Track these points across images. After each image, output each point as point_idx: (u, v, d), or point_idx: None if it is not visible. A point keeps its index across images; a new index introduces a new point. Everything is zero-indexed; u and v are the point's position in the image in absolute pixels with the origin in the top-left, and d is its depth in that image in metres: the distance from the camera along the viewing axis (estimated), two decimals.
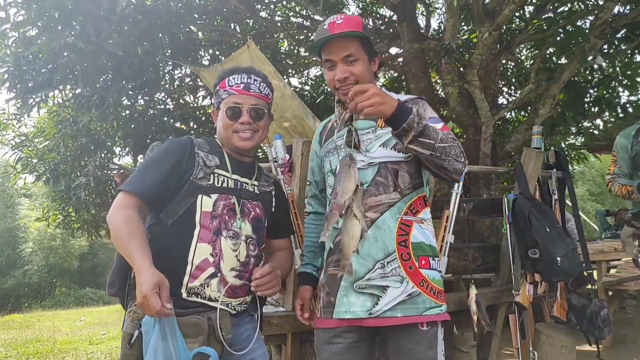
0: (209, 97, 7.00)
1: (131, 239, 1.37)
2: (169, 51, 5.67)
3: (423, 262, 1.57)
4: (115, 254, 1.56)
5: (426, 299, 1.54)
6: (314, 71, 9.63)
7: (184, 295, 1.45)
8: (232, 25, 6.49)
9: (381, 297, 1.52)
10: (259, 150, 7.00)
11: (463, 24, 6.56)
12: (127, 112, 6.09)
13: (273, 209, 1.73)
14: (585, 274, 2.97)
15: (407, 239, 1.57)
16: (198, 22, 6.03)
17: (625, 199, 2.95)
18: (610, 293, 4.82)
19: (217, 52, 6.61)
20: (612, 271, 5.36)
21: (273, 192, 1.74)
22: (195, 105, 7.35)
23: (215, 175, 1.56)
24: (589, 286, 3.19)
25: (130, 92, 5.38)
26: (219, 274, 1.49)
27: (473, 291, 2.59)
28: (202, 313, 1.45)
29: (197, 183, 1.52)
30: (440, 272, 1.65)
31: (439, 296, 1.59)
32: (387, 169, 1.58)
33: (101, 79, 5.06)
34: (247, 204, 1.61)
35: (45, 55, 3.96)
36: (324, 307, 1.62)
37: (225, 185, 1.57)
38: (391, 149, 1.60)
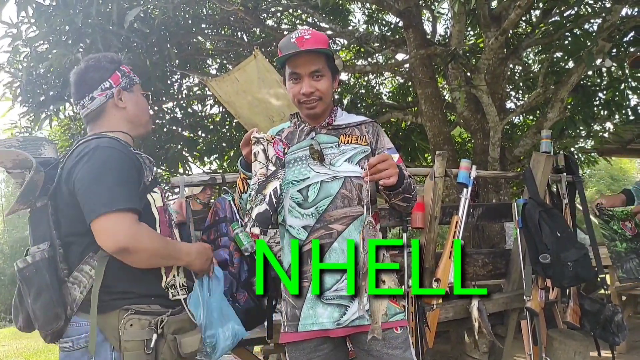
0: (217, 106, 7.06)
1: (167, 243, 1.45)
2: (177, 62, 5.73)
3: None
4: (41, 283, 1.38)
5: (391, 306, 1.56)
6: None
7: (170, 296, 1.48)
8: (239, 34, 6.55)
9: (349, 307, 1.54)
10: None
11: (469, 29, 6.56)
12: None
13: None
14: (598, 278, 2.94)
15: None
16: (205, 32, 6.09)
17: None
18: (623, 298, 4.75)
19: (225, 61, 6.68)
20: None
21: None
22: (203, 114, 7.41)
23: (149, 169, 1.51)
24: (602, 291, 3.15)
25: None
26: None
27: (475, 298, 2.58)
28: (183, 310, 1.51)
29: (146, 184, 1.47)
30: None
31: (399, 301, 1.64)
32: (352, 183, 1.61)
33: None
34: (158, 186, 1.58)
35: (56, 69, 4.02)
36: (288, 321, 1.62)
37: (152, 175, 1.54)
38: (356, 164, 1.63)
